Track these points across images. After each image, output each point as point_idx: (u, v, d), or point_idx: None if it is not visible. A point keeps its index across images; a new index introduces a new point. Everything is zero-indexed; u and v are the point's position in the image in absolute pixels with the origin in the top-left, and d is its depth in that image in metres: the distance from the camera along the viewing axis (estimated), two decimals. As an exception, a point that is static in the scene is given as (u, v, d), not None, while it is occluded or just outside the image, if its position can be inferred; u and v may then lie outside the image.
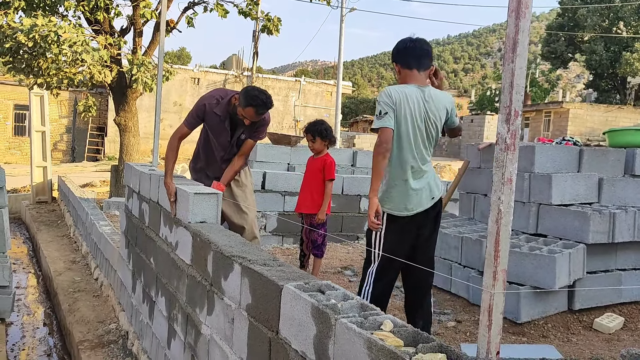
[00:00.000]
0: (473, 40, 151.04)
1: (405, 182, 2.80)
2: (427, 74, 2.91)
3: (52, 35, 7.18)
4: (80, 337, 4.19)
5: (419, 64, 2.87)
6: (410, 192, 2.80)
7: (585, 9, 34.03)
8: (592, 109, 29.03)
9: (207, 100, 3.72)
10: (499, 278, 1.29)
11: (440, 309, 3.84)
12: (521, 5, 1.22)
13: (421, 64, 2.87)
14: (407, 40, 2.93)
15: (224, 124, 3.70)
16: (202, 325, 2.53)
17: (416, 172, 2.82)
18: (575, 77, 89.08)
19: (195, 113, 3.72)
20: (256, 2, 10.05)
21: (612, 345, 3.21)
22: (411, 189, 2.80)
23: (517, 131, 1.28)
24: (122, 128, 9.53)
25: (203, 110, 3.71)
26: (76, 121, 26.51)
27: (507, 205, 1.28)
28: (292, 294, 1.73)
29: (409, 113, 2.77)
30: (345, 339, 1.46)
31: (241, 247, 2.38)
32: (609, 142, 4.70)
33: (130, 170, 4.40)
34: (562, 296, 3.63)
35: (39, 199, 11.27)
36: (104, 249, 5.46)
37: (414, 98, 2.79)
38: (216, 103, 3.69)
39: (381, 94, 2.81)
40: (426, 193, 2.83)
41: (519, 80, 1.25)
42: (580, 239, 3.65)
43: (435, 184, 2.90)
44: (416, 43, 2.91)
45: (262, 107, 3.52)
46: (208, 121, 3.74)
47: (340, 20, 19.10)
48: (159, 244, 3.33)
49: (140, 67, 8.25)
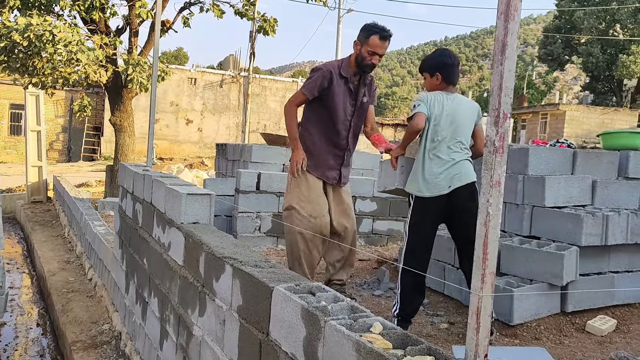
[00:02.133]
0: (470, 42, 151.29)
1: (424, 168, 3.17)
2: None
3: (47, 34, 7.16)
4: (73, 338, 4.17)
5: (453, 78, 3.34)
6: (427, 176, 3.14)
7: (581, 12, 34.12)
8: (588, 111, 29.13)
9: (329, 67, 3.72)
10: (487, 280, 1.29)
11: (433, 311, 3.84)
12: (510, 8, 1.22)
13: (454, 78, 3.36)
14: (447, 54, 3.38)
15: (349, 87, 3.73)
16: (193, 327, 2.53)
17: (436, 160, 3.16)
18: (572, 79, 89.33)
19: (320, 80, 3.67)
20: (252, 3, 10.06)
21: (604, 348, 3.21)
22: (430, 174, 3.14)
23: (506, 134, 1.28)
24: (118, 128, 9.51)
25: (330, 76, 3.68)
26: (72, 121, 26.44)
27: (496, 208, 1.28)
28: (282, 296, 1.73)
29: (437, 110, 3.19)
30: (334, 341, 1.46)
31: (233, 248, 2.37)
32: (603, 145, 4.71)
33: (124, 171, 4.39)
34: (555, 298, 3.63)
35: (34, 198, 11.24)
36: (98, 249, 5.44)
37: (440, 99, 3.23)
38: (338, 66, 3.75)
39: (424, 95, 3.28)
40: (445, 180, 3.13)
41: (507, 82, 1.25)
42: (573, 241, 3.66)
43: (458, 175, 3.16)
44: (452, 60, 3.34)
45: (384, 31, 3.61)
46: (333, 89, 3.70)
47: (338, 21, 19.13)
48: (151, 244, 3.32)
49: (136, 67, 8.24)
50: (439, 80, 3.29)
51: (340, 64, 3.78)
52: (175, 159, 23.45)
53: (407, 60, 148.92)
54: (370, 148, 25.22)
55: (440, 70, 3.30)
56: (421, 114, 3.13)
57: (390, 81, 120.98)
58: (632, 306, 3.91)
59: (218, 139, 25.73)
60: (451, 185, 3.12)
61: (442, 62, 3.33)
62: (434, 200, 3.13)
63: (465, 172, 3.17)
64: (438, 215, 3.20)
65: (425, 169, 3.15)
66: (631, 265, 4.00)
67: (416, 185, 3.17)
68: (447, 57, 3.35)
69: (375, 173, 8.23)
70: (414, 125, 3.13)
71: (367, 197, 6.50)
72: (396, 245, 6.33)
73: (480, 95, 41.45)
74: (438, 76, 3.29)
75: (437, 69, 3.31)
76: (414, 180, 3.20)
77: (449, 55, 3.36)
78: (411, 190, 3.20)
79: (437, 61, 3.35)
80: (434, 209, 3.16)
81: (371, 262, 5.24)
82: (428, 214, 3.17)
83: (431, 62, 3.35)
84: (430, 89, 3.33)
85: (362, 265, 5.16)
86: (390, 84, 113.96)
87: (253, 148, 7.52)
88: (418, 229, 3.18)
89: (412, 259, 3.15)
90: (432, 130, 3.16)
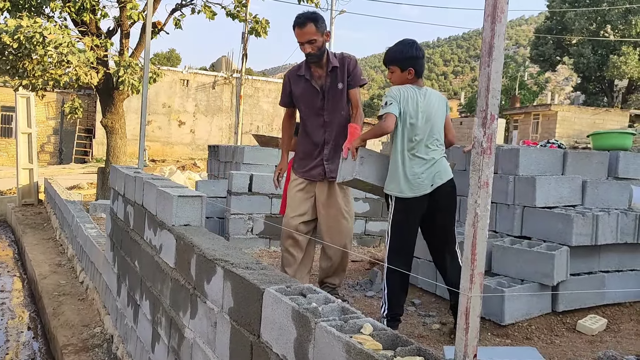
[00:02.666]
0: (463, 43, 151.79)
1: (404, 168, 3.10)
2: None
3: (37, 36, 7.12)
4: (64, 341, 4.15)
5: (422, 71, 3.23)
6: (410, 177, 3.08)
7: (573, 13, 34.34)
8: (580, 111, 29.30)
9: (288, 72, 3.82)
10: (476, 281, 1.30)
11: (425, 311, 3.85)
12: (497, 10, 1.23)
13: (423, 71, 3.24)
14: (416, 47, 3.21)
15: (310, 82, 3.67)
16: (185, 329, 2.52)
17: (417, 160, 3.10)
18: (563, 79, 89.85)
19: (283, 88, 3.81)
20: (244, 4, 10.05)
21: (594, 347, 3.23)
22: (412, 175, 3.08)
23: (494, 135, 1.29)
24: (109, 130, 9.48)
25: (287, 81, 3.78)
26: (63, 123, 26.32)
27: (484, 209, 1.29)
28: (273, 298, 1.73)
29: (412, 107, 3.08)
30: (324, 343, 1.46)
31: (224, 250, 2.37)
32: (593, 145, 4.75)
33: (115, 173, 4.38)
34: (546, 298, 3.65)
35: (25, 201, 11.17)
36: (90, 252, 5.42)
37: (414, 95, 3.11)
38: (297, 68, 3.77)
39: (392, 89, 3.12)
40: (428, 179, 3.09)
41: (495, 84, 1.26)
42: (563, 241, 3.68)
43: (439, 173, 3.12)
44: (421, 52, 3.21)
45: (296, 19, 3.55)
46: (295, 90, 3.74)
47: (330, 22, 19.15)
48: (143, 247, 3.31)
49: (127, 68, 8.21)
50: (412, 75, 3.16)
51: (299, 65, 3.80)
52: (167, 161, 23.40)
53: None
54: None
55: (413, 64, 3.15)
56: (392, 116, 3.02)
57: (382, 82, 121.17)
58: (622, 305, 3.94)
59: (210, 141, 25.70)
60: (433, 184, 3.10)
61: (413, 55, 3.16)
62: (417, 199, 3.10)
63: (444, 169, 3.15)
64: (421, 214, 3.17)
65: (406, 169, 3.09)
66: (621, 265, 4.03)
67: (397, 186, 3.10)
68: (417, 49, 3.19)
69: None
70: (384, 127, 3.03)
71: (359, 198, 6.51)
72: (389, 246, 6.34)
73: (473, 96, 41.60)
74: (411, 71, 3.15)
75: (410, 64, 3.15)
76: (393, 181, 3.13)
77: (418, 48, 3.21)
78: (392, 191, 3.13)
79: (408, 54, 3.16)
80: (417, 208, 3.13)
81: (363, 263, 5.25)
82: (411, 213, 3.14)
83: (401, 55, 3.17)
84: (400, 83, 3.18)
85: (355, 266, 5.17)
86: (382, 85, 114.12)
87: (245, 149, 7.51)
88: (401, 228, 3.16)
89: (396, 259, 3.13)
90: (408, 130, 3.08)
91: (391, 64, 3.21)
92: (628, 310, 3.90)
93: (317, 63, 3.64)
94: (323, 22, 3.57)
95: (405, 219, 3.15)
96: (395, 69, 3.18)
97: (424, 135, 3.10)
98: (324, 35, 3.56)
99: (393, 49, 3.23)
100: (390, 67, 3.21)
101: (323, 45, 3.58)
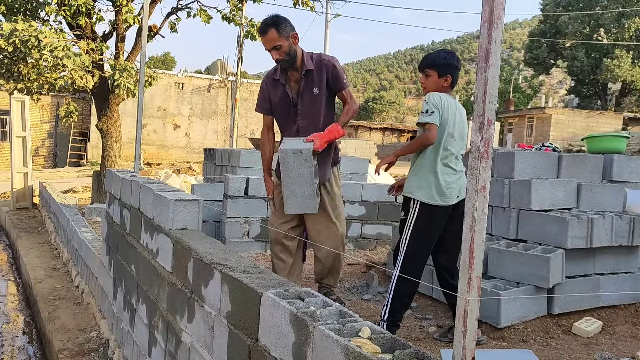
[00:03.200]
0: (457, 46, 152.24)
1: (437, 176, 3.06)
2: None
3: (32, 40, 7.10)
4: (60, 346, 4.13)
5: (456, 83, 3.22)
6: (443, 185, 3.05)
7: (566, 16, 34.53)
8: (574, 114, 29.46)
9: (264, 77, 3.67)
10: (474, 284, 1.31)
11: (422, 314, 3.86)
12: (493, 16, 1.24)
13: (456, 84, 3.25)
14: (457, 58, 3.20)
15: (284, 87, 3.52)
16: (182, 333, 2.52)
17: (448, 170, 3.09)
18: (557, 82, 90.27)
19: (259, 95, 3.67)
20: (240, 8, 10.05)
21: (590, 349, 3.25)
22: (445, 183, 3.06)
23: (491, 139, 1.30)
24: (104, 134, 9.45)
25: (264, 86, 3.64)
26: (58, 126, 26.23)
27: (481, 213, 1.30)
28: (271, 302, 1.74)
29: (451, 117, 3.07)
30: (323, 346, 1.46)
31: (221, 253, 2.37)
32: (587, 148, 4.78)
33: (111, 177, 4.37)
34: (541, 301, 3.67)
35: (20, 205, 11.12)
36: (85, 256, 5.40)
37: (452, 105, 3.11)
38: (272, 72, 3.63)
39: (433, 96, 3.04)
40: (455, 191, 3.09)
41: (491, 89, 1.27)
42: (559, 244, 3.70)
43: (463, 186, 3.12)
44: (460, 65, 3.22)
45: (260, 25, 3.42)
46: (272, 97, 3.61)
47: (325, 26, 19.19)
48: (139, 250, 3.30)
49: (123, 72, 8.19)
50: (448, 83, 3.14)
51: (275, 68, 3.63)
52: (162, 164, 23.35)
53: (395, 64, 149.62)
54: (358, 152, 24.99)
55: (452, 72, 3.14)
56: (435, 126, 2.96)
57: (377, 85, 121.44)
58: (617, 307, 3.96)
59: (206, 144, 25.68)
60: (459, 196, 3.08)
61: (453, 64, 3.16)
62: (444, 209, 3.06)
63: (465, 183, 3.16)
64: (443, 225, 3.12)
65: (439, 177, 3.05)
66: (616, 267, 4.05)
67: (427, 192, 3.05)
68: (458, 60, 3.20)
69: (363, 177, 8.26)
70: (429, 139, 2.96)
71: (355, 202, 6.52)
72: (385, 249, 6.35)
73: (467, 99, 41.75)
74: (448, 78, 3.14)
75: (449, 71, 3.14)
76: (423, 188, 3.06)
77: (458, 59, 3.22)
78: (421, 197, 3.06)
79: (449, 61, 3.15)
80: (442, 217, 3.10)
81: (360, 266, 5.25)
82: (435, 222, 3.09)
83: (443, 61, 3.14)
84: (434, 89, 3.13)
85: (351, 269, 5.17)
86: (377, 88, 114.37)
87: (241, 153, 7.51)
88: (422, 236, 3.08)
89: (411, 267, 3.07)
90: (445, 139, 3.05)
91: (430, 68, 3.16)
92: (623, 313, 3.92)
93: (290, 67, 3.50)
94: (286, 25, 3.39)
95: (429, 227, 3.09)
96: (433, 73, 3.13)
97: (457, 146, 3.11)
98: (289, 38, 3.40)
99: (434, 54, 3.24)
100: (427, 70, 3.17)
101: (291, 49, 3.41)
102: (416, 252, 3.10)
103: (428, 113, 2.97)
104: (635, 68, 32.65)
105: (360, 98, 78.80)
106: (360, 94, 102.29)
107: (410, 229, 3.09)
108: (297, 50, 3.46)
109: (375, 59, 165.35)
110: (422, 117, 3.00)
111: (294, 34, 3.43)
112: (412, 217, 3.08)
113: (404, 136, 40.27)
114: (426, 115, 2.98)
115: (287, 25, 3.40)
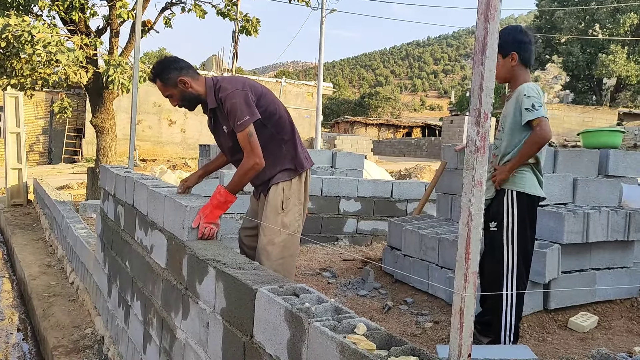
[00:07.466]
0: (453, 42, 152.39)
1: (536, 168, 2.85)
2: None
3: (25, 35, 7.04)
4: (55, 343, 4.11)
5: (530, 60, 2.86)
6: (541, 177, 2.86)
7: (562, 12, 34.55)
8: (569, 110, 29.50)
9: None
10: (470, 280, 1.30)
11: (417, 310, 3.85)
12: (490, 8, 1.22)
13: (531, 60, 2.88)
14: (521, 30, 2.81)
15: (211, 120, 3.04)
16: (177, 330, 2.51)
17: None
18: (552, 78, 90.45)
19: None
20: (235, 3, 10.00)
21: (586, 344, 3.25)
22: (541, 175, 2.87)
23: (487, 133, 1.29)
24: (99, 130, 9.41)
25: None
26: (53, 122, 26.10)
27: (478, 208, 1.28)
28: (266, 298, 1.72)
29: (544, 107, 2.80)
30: (318, 343, 1.45)
31: (216, 250, 2.35)
32: (583, 143, 4.77)
33: (105, 173, 4.34)
34: (537, 296, 3.67)
35: (14, 202, 11.07)
36: (80, 253, 5.38)
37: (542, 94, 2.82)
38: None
39: (531, 88, 2.73)
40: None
41: (488, 82, 1.26)
42: (555, 239, 3.69)
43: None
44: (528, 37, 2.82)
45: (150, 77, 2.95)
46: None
47: (321, 21, 19.14)
48: (134, 247, 3.28)
49: (117, 67, 8.14)
50: (515, 61, 2.78)
51: None
52: (158, 161, 23.28)
53: (390, 60, 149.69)
54: (354, 147, 24.92)
55: (517, 48, 2.75)
56: (546, 120, 2.66)
57: (373, 81, 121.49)
58: (613, 302, 3.97)
59: (201, 140, 25.57)
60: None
61: (517, 38, 2.78)
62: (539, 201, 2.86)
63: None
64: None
65: (537, 169, 2.84)
66: (612, 262, 4.06)
67: (531, 183, 2.80)
68: (521, 32, 2.78)
69: (359, 173, 8.25)
70: (547, 135, 2.64)
71: (351, 197, 6.51)
72: (381, 245, 6.34)
73: (463, 95, 41.79)
74: (514, 56, 2.77)
75: (513, 47, 2.75)
76: (524, 179, 2.79)
77: (522, 31, 2.80)
78: (525, 188, 2.78)
79: (511, 37, 2.77)
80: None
81: (356, 262, 5.24)
82: (535, 216, 2.87)
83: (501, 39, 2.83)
84: (504, 73, 2.80)
85: (347, 265, 5.16)
86: (373, 83, 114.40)
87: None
88: (526, 233, 2.78)
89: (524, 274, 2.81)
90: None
91: None
92: (619, 308, 3.93)
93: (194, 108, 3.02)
94: (169, 72, 2.87)
95: (533, 222, 2.85)
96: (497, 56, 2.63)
97: None
98: (177, 85, 2.87)
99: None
100: None
101: (183, 94, 2.90)
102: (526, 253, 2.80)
103: (535, 108, 2.66)
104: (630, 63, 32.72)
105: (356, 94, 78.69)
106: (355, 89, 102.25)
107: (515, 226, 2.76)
108: (194, 91, 2.92)
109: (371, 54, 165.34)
110: (530, 113, 2.67)
111: (180, 80, 2.87)
112: (513, 213, 2.77)
113: (400, 132, 40.26)
114: (534, 109, 2.66)
115: (171, 72, 2.88)
